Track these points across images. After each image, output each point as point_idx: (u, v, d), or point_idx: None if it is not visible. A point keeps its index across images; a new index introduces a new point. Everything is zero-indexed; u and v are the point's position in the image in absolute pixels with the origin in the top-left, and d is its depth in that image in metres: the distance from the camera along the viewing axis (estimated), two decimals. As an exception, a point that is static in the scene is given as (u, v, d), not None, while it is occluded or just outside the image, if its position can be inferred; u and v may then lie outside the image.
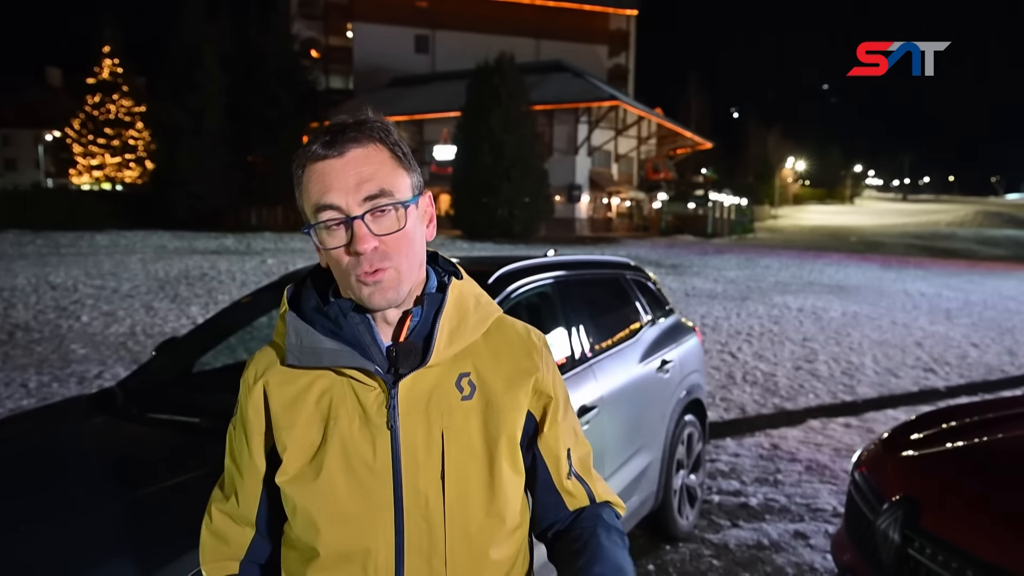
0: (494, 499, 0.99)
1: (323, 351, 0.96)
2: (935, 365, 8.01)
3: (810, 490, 4.36)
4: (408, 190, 0.97)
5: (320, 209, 0.93)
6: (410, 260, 0.96)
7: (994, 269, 22.51)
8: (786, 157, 67.75)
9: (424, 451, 0.96)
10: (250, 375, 1.01)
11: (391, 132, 0.98)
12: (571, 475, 1.07)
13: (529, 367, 1.03)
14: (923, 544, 1.88)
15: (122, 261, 15.89)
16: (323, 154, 0.94)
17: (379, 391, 0.96)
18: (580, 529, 1.04)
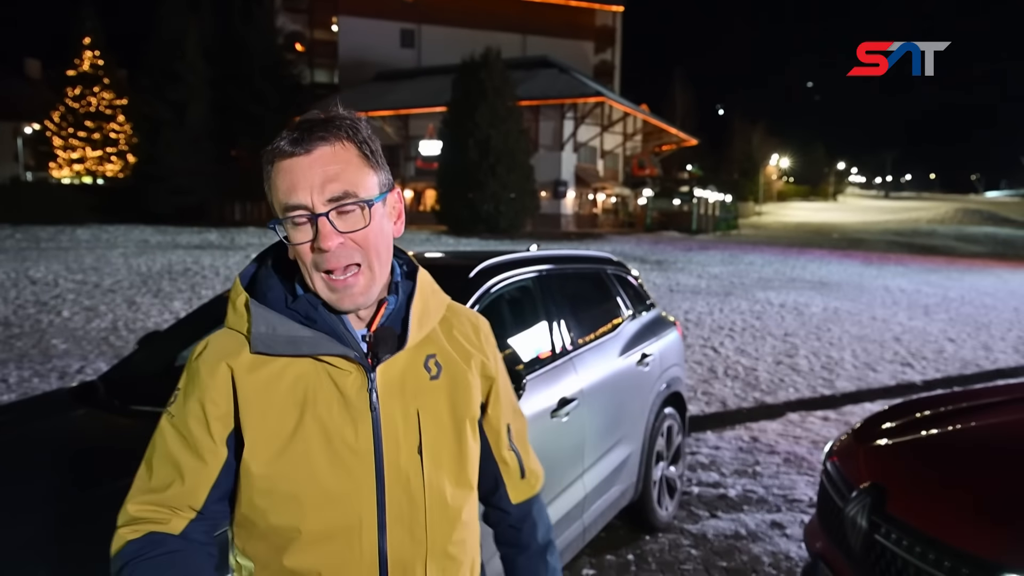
0: (464, 469, 1.08)
1: (301, 340, 0.98)
2: (912, 359, 8.16)
3: (787, 481, 4.44)
4: (375, 188, 0.99)
5: (287, 208, 0.96)
6: (378, 258, 0.99)
7: (972, 266, 22.86)
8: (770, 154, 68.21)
9: (403, 429, 1.01)
10: (211, 359, 1.00)
11: (360, 129, 1.00)
12: (510, 447, 1.20)
13: (477, 348, 1.14)
14: (889, 530, 1.94)
15: (104, 256, 15.72)
16: (290, 151, 0.96)
17: (356, 375, 1.00)
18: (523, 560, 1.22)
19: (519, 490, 1.23)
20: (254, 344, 0.98)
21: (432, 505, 1.03)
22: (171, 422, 1.00)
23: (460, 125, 28.92)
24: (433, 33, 47.50)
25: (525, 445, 1.24)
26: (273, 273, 1.05)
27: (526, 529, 1.24)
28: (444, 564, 1.05)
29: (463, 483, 1.08)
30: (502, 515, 1.23)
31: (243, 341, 1.00)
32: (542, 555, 1.24)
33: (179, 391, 1.02)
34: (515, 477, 1.22)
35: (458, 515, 1.07)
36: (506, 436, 1.19)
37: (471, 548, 1.12)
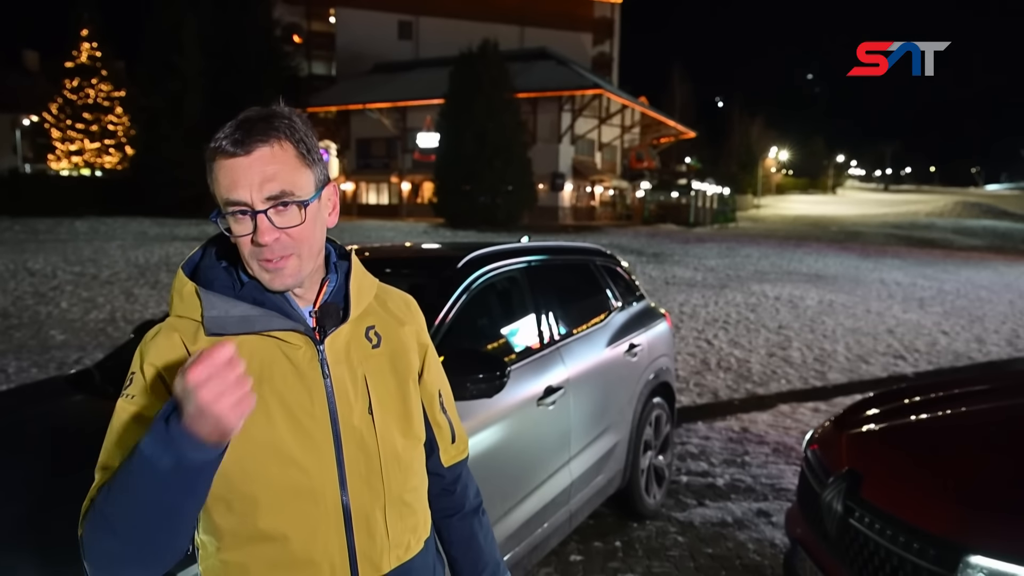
0: (410, 423, 1.19)
1: (254, 318, 1.06)
2: (905, 352, 8.21)
3: (775, 471, 4.50)
4: (311, 187, 1.06)
5: (228, 203, 1.03)
6: (311, 249, 1.07)
7: (969, 259, 22.90)
8: (769, 147, 68.17)
9: (353, 393, 1.11)
10: (166, 342, 1.05)
11: (297, 128, 1.06)
12: (442, 411, 1.31)
13: (409, 319, 1.26)
14: (862, 514, 1.99)
15: (102, 247, 15.74)
16: (231, 152, 1.03)
17: (306, 349, 1.09)
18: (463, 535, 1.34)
19: (450, 453, 1.32)
20: (208, 326, 1.05)
21: (386, 458, 1.13)
22: (131, 403, 1.03)
23: (457, 117, 28.87)
24: (431, 25, 47.33)
25: (454, 412, 1.35)
26: (217, 264, 1.12)
27: (459, 491, 1.34)
28: (401, 510, 1.16)
29: (411, 435, 1.19)
30: (436, 478, 1.31)
31: (195, 326, 1.07)
32: (475, 514, 1.36)
33: (135, 373, 1.05)
34: (447, 440, 1.31)
35: (410, 465, 1.18)
36: (438, 401, 1.30)
37: (423, 497, 1.24)
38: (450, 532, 1.34)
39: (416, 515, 1.21)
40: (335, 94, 42.08)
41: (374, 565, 1.12)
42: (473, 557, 1.34)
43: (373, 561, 1.12)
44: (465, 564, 1.34)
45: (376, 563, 1.12)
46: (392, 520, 1.15)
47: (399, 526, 1.16)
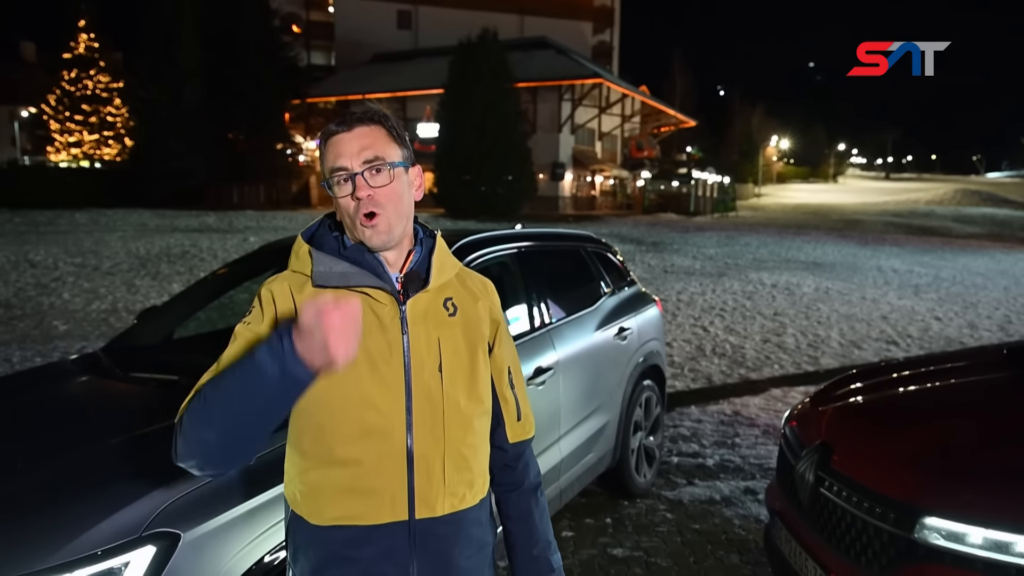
0: (475, 386, 1.34)
1: (351, 274, 1.28)
2: (898, 338, 8.32)
3: (764, 451, 4.61)
4: (399, 157, 1.31)
5: (333, 171, 1.27)
6: (398, 210, 1.28)
7: (967, 246, 22.96)
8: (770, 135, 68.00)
9: (426, 351, 1.29)
10: (280, 286, 1.29)
11: (389, 118, 1.33)
12: (510, 387, 1.43)
13: (484, 296, 1.42)
14: (832, 483, 2.10)
15: (102, 239, 15.83)
16: (336, 130, 1.29)
17: (390, 307, 1.28)
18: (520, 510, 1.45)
19: (515, 431, 1.43)
20: (315, 279, 1.28)
21: (448, 412, 1.29)
22: (247, 328, 1.26)
23: (457, 107, 28.83)
24: (430, 14, 47.14)
25: (523, 392, 1.46)
26: (328, 232, 1.36)
27: (520, 468, 1.45)
28: (458, 462, 1.31)
29: (474, 398, 1.34)
30: (499, 453, 1.43)
31: (304, 279, 1.29)
32: (534, 492, 1.46)
33: (253, 308, 1.29)
34: (512, 417, 1.43)
35: (470, 423, 1.33)
36: (507, 376, 1.42)
37: (482, 458, 1.37)
38: (508, 506, 1.46)
39: (472, 472, 1.34)
40: (334, 84, 42.00)
41: (429, 505, 1.26)
42: (527, 532, 1.45)
43: (429, 502, 1.26)
44: (519, 537, 1.45)
45: (431, 504, 1.27)
46: (449, 469, 1.29)
47: (455, 477, 1.30)
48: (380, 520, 1.24)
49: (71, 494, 1.65)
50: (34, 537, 1.53)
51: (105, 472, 1.74)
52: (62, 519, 1.56)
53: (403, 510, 1.25)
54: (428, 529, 1.27)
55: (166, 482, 1.64)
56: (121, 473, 1.72)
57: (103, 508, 1.58)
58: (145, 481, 1.66)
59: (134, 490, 1.64)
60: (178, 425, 1.19)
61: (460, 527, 1.31)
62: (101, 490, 1.66)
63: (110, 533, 1.53)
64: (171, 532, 1.58)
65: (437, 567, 1.28)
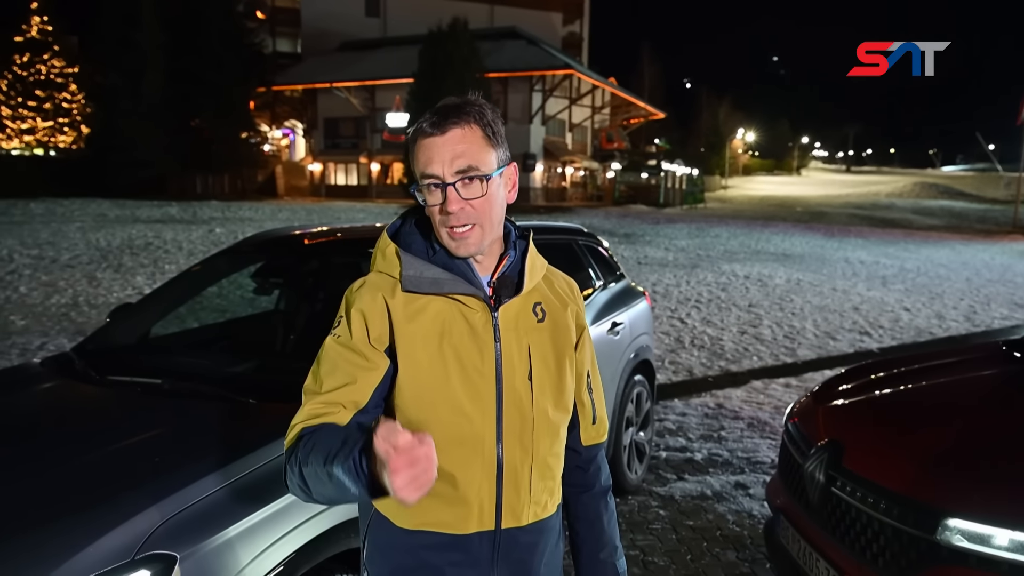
0: (562, 395, 1.30)
1: (443, 281, 1.22)
2: (870, 328, 8.45)
3: (751, 445, 4.62)
4: (493, 164, 1.22)
5: (424, 177, 1.19)
6: (491, 220, 1.22)
7: (928, 238, 23.55)
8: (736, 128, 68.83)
9: (518, 359, 1.25)
10: (368, 292, 1.23)
11: (486, 114, 1.23)
12: (588, 391, 1.40)
13: (571, 300, 1.37)
14: (844, 482, 2.07)
15: (60, 230, 15.27)
16: (429, 132, 1.19)
17: (482, 313, 1.23)
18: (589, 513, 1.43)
19: (590, 433, 1.40)
20: (405, 284, 1.22)
21: (538, 421, 1.25)
22: (337, 341, 1.22)
23: (427, 97, 28.49)
24: (399, 2, 46.44)
25: (599, 395, 1.43)
26: (416, 230, 1.28)
27: (592, 471, 1.42)
28: (543, 471, 1.28)
29: (561, 407, 1.30)
30: (572, 454, 1.39)
31: (392, 282, 1.24)
32: (604, 496, 1.44)
33: (342, 318, 1.24)
34: (588, 420, 1.40)
35: (556, 432, 1.30)
36: (586, 380, 1.39)
37: (562, 465, 1.35)
38: (577, 508, 1.43)
39: (555, 479, 1.32)
40: (301, 72, 41.19)
41: (515, 515, 1.25)
42: (596, 535, 1.42)
43: (515, 512, 1.25)
44: (587, 540, 1.42)
45: (517, 514, 1.25)
46: (535, 478, 1.26)
47: (540, 485, 1.27)
48: (468, 530, 1.23)
49: (54, 516, 1.51)
50: (12, 568, 1.39)
51: (90, 489, 1.60)
52: (45, 545, 1.43)
53: (490, 520, 1.23)
54: (512, 539, 1.25)
55: (159, 498, 1.51)
56: (109, 490, 1.58)
57: (91, 530, 1.44)
58: (136, 498, 1.52)
59: (124, 508, 1.50)
60: (284, 468, 1.18)
61: (541, 535, 1.30)
62: (87, 510, 1.51)
63: (99, 558, 1.40)
64: (166, 554, 1.45)
65: (517, 574, 1.27)
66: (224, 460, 1.67)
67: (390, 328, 1.22)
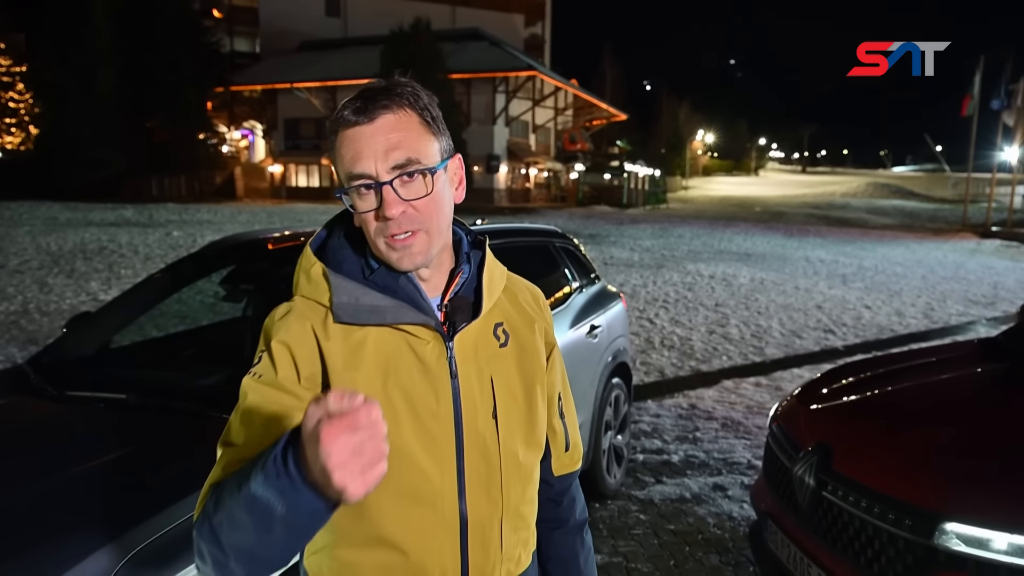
0: (534, 430, 1.11)
1: (384, 309, 1.01)
2: (834, 326, 8.60)
3: (726, 445, 4.63)
4: (436, 155, 1.01)
5: (352, 177, 0.97)
6: (439, 224, 1.00)
7: (883, 237, 24.20)
8: (696, 130, 69.92)
9: (479, 396, 1.04)
10: (295, 323, 1.01)
11: (421, 96, 1.01)
12: (559, 416, 1.21)
13: (537, 315, 1.17)
14: (836, 486, 2.05)
15: (7, 234, 14.65)
16: (354, 120, 0.97)
17: (434, 344, 1.02)
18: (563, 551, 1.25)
19: (563, 462, 1.24)
20: (337, 314, 1.00)
21: (507, 466, 1.06)
22: (258, 381, 0.98)
23: (390, 97, 28.26)
24: (359, 2, 45.96)
25: (572, 418, 1.26)
26: (346, 244, 1.06)
27: (566, 503, 1.26)
28: (515, 523, 1.10)
29: (533, 444, 1.11)
30: (544, 487, 1.22)
31: (322, 311, 1.02)
32: (579, 531, 1.28)
33: (263, 352, 1.01)
34: (560, 448, 1.23)
35: (530, 475, 1.12)
36: (557, 404, 1.21)
37: (536, 509, 1.17)
38: (550, 546, 1.25)
39: (529, 528, 1.14)
40: (260, 72, 40.40)
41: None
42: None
43: (485, 574, 1.06)
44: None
45: None
46: (507, 533, 1.08)
47: (513, 539, 1.10)
48: None
49: (4, 555, 1.36)
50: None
51: (47, 522, 1.45)
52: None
53: None
54: None
55: (124, 529, 1.39)
56: (68, 522, 1.44)
57: (47, 570, 1.30)
58: (98, 530, 1.39)
59: (86, 544, 1.36)
60: (194, 532, 0.92)
61: None
62: (43, 546, 1.36)
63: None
64: None
65: None
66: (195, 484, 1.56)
67: (323, 370, 0.99)
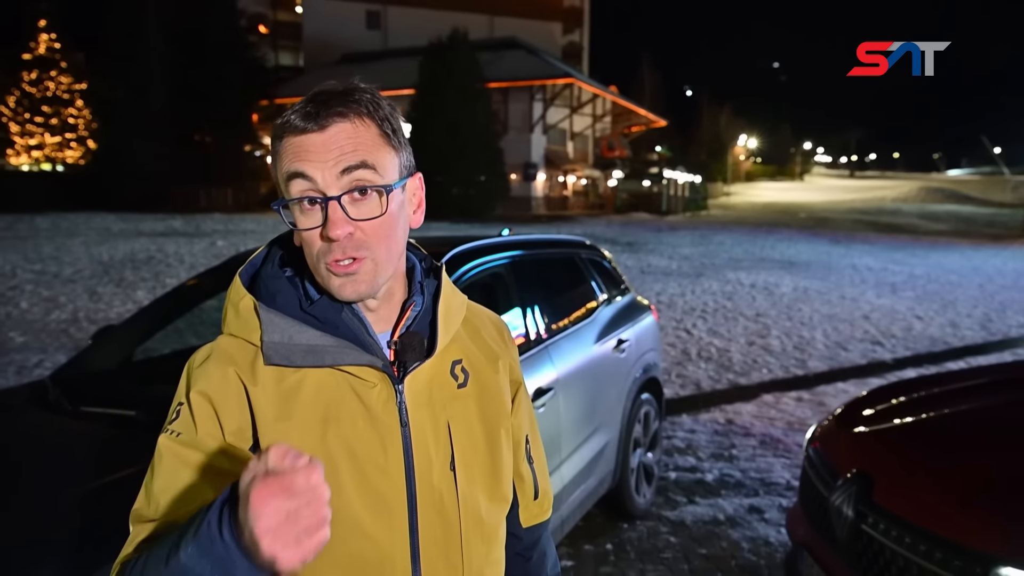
0: (498, 482, 0.98)
1: (323, 349, 0.87)
2: (882, 338, 8.26)
3: (764, 464, 4.43)
4: (395, 172, 0.88)
5: (292, 177, 0.84)
6: (389, 250, 0.88)
7: (936, 243, 23.32)
8: (738, 135, 68.78)
9: (434, 445, 0.91)
10: (217, 368, 0.87)
11: (382, 106, 0.89)
12: (527, 461, 1.08)
13: (502, 351, 1.04)
14: (876, 519, 1.90)
15: (64, 244, 15.21)
16: (301, 127, 0.84)
17: (381, 387, 0.89)
18: None
19: (531, 512, 1.11)
20: (268, 355, 0.87)
21: (467, 524, 0.93)
22: (175, 441, 0.85)
23: (428, 108, 28.53)
24: (399, 14, 46.64)
25: (541, 461, 1.13)
26: (280, 273, 0.92)
27: (536, 558, 1.13)
28: None
29: (498, 497, 0.98)
30: (512, 540, 1.08)
31: (252, 350, 0.88)
32: None
33: (181, 405, 0.87)
34: (528, 496, 1.10)
35: (494, 532, 0.98)
36: (524, 448, 1.08)
37: (503, 568, 1.03)
38: None
39: None
40: (303, 85, 41.25)
41: None
42: None
43: None
44: None
45: None
46: None
47: None
48: None
49: None
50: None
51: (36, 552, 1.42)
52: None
53: None
54: None
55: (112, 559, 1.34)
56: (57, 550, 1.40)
57: None
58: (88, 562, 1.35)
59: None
60: None
61: None
62: None
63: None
64: None
65: None
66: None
67: (252, 423, 0.86)
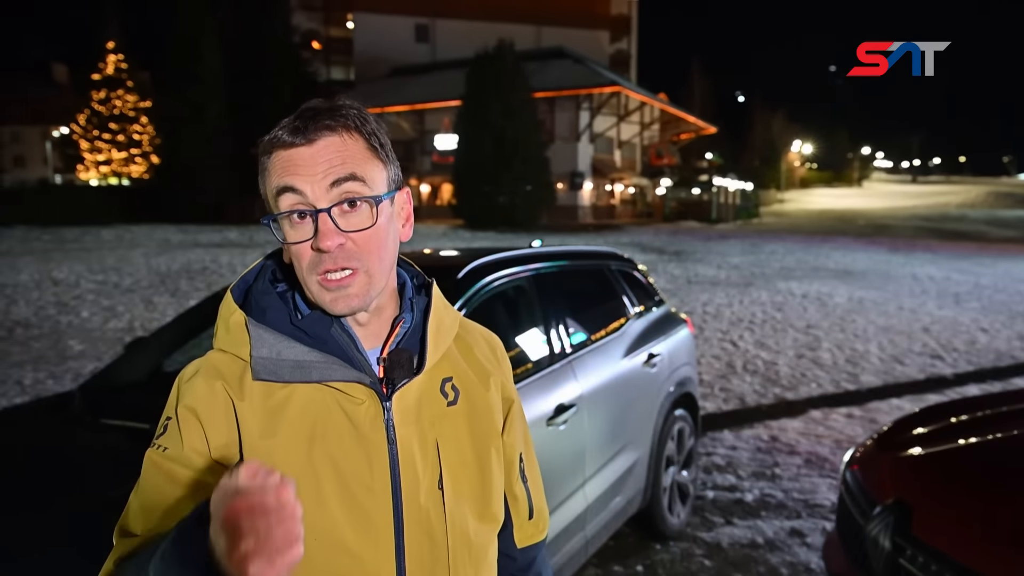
0: (488, 502, 0.96)
1: (311, 365, 0.87)
2: (943, 351, 7.84)
3: (808, 484, 4.23)
4: (383, 183, 0.89)
5: (282, 192, 0.85)
6: (381, 262, 0.88)
7: (1005, 251, 22.16)
8: (792, 140, 67.09)
9: (422, 464, 0.90)
10: (204, 384, 0.88)
11: (368, 120, 0.90)
12: (521, 480, 1.07)
13: (494, 368, 1.03)
14: (915, 553, 1.75)
15: (125, 256, 15.86)
16: (289, 141, 0.85)
17: (369, 404, 0.88)
18: None
19: (526, 532, 1.09)
20: (256, 371, 0.87)
21: (455, 545, 0.91)
22: (162, 456, 0.85)
23: (475, 118, 28.74)
24: (447, 27, 47.26)
25: (536, 479, 1.10)
26: (271, 289, 0.93)
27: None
28: None
29: (487, 518, 0.96)
30: (506, 561, 1.06)
31: (241, 365, 0.89)
32: None
33: (169, 420, 0.88)
34: (523, 516, 1.08)
35: (484, 553, 0.96)
36: (518, 467, 1.06)
37: None
38: None
39: None
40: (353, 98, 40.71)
41: None
42: None
43: None
44: None
45: None
46: None
47: None
48: None
49: None
50: None
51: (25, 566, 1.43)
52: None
53: None
54: None
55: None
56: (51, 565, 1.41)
57: None
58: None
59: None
60: None
61: None
62: None
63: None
64: None
65: None
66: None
67: (239, 438, 0.86)
